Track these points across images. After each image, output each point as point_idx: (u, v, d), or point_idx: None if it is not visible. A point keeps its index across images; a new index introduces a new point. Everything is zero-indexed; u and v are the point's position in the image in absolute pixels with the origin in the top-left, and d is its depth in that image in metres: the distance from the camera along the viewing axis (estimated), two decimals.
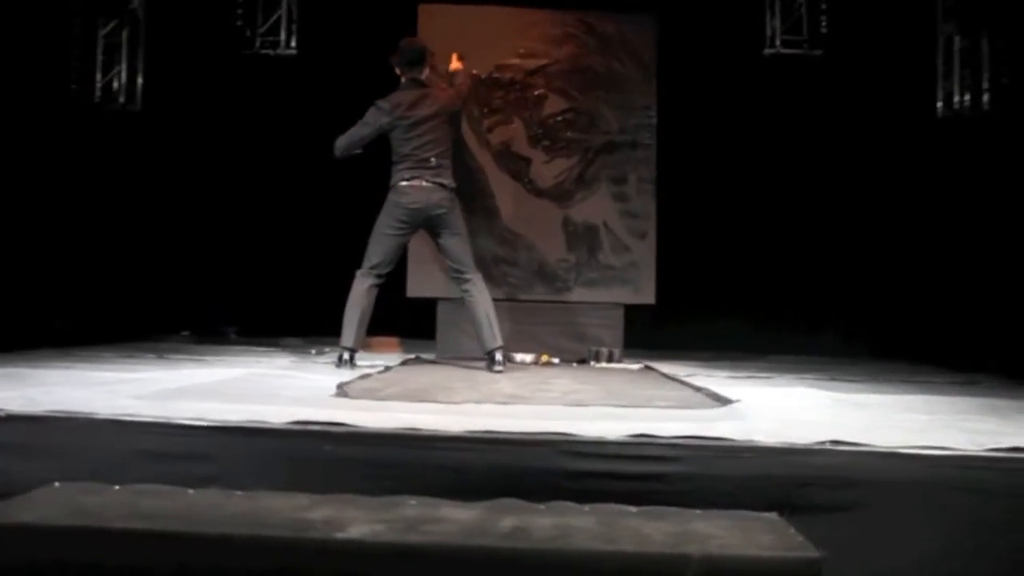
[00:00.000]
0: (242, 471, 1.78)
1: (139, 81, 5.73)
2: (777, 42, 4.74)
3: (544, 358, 4.04)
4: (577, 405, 2.31)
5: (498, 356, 3.34)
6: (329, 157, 3.61)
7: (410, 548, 1.44)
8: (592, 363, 4.07)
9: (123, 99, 5.67)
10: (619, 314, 4.24)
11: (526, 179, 4.31)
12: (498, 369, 3.30)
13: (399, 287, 4.36)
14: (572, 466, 1.73)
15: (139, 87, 5.73)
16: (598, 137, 4.31)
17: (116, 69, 5.68)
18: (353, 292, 3.37)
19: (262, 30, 5.60)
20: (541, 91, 4.30)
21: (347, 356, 3.32)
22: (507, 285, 4.30)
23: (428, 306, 4.42)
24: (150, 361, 3.36)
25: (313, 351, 4.21)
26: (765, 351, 4.67)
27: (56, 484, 1.77)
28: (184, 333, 5.56)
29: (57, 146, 5.21)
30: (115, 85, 5.65)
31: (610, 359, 4.06)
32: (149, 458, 1.81)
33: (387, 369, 3.39)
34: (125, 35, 5.71)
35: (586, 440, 1.75)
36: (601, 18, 4.32)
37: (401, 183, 3.38)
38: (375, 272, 3.37)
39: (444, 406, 2.18)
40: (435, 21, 4.26)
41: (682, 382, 3.07)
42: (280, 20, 5.60)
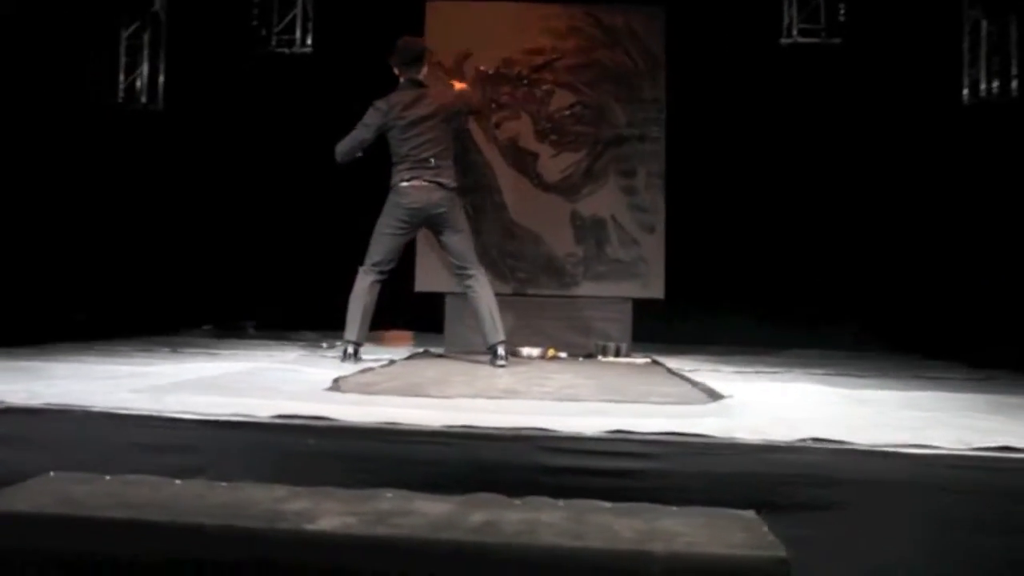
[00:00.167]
0: (228, 463, 1.82)
1: (160, 81, 5.88)
2: (794, 31, 4.66)
3: (551, 352, 4.04)
4: (568, 400, 2.31)
5: (500, 350, 3.34)
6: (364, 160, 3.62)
7: (377, 540, 1.46)
8: (599, 357, 4.06)
9: (145, 99, 5.82)
10: (627, 308, 4.22)
11: (534, 173, 4.31)
12: (500, 363, 3.30)
13: (412, 282, 4.41)
14: (549, 461, 1.73)
15: (160, 87, 5.88)
16: (606, 131, 4.29)
17: (138, 70, 5.83)
18: (356, 288, 3.41)
19: (278, 29, 5.70)
20: (548, 86, 4.29)
21: (351, 350, 3.36)
22: (515, 280, 4.31)
23: (442, 301, 4.45)
24: (162, 355, 3.45)
25: (324, 344, 4.27)
26: (780, 346, 4.62)
27: (51, 474, 1.83)
28: (206, 327, 5.68)
29: (82, 145, 5.37)
30: (137, 85, 5.81)
31: (617, 354, 4.04)
32: (141, 450, 1.86)
33: (391, 363, 3.43)
34: (147, 36, 5.85)
35: (563, 436, 1.76)
36: (609, 11, 4.29)
37: (401, 183, 3.39)
38: (377, 268, 3.40)
39: (432, 400, 2.20)
40: (442, 17, 4.28)
41: (683, 377, 3.05)
42: (295, 19, 5.70)
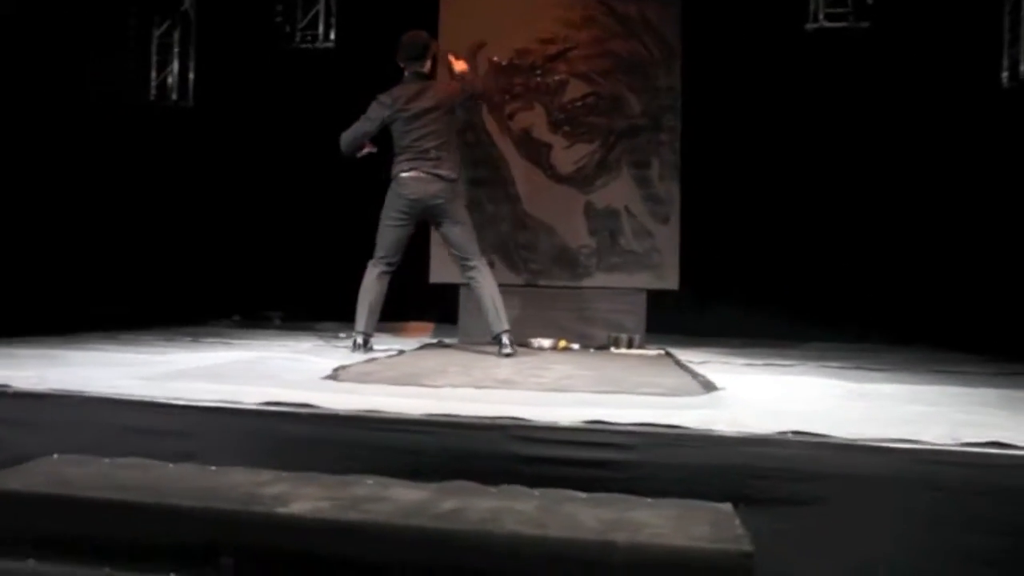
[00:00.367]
0: (218, 448, 1.88)
1: (191, 78, 6.05)
2: (820, 16, 4.53)
3: (562, 344, 4.04)
4: (559, 391, 2.31)
5: (505, 339, 3.36)
6: (379, 154, 3.65)
7: (346, 525, 1.50)
8: (612, 349, 4.04)
9: (175, 96, 6.00)
10: (641, 300, 4.19)
11: (547, 165, 4.30)
12: (506, 352, 3.32)
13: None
14: (525, 451, 1.75)
15: (191, 84, 6.05)
16: (620, 121, 4.25)
17: (169, 68, 6.01)
18: (364, 281, 3.47)
19: (302, 25, 5.81)
20: (562, 76, 4.27)
21: (361, 341, 3.42)
22: (528, 271, 4.32)
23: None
24: (183, 344, 3.56)
25: (342, 335, 4.35)
26: (804, 339, 4.51)
27: (55, 456, 1.93)
28: (235, 318, 5.83)
29: (118, 142, 5.56)
30: (169, 83, 5.99)
31: (630, 345, 4.02)
32: (139, 434, 1.94)
33: (400, 353, 3.48)
34: (177, 35, 6.02)
35: (538, 425, 1.77)
36: (623, 0, 4.24)
37: (401, 175, 3.43)
38: (384, 261, 3.46)
39: (421, 390, 2.23)
40: (455, 9, 4.30)
41: (687, 369, 3.02)
42: (319, 15, 5.80)
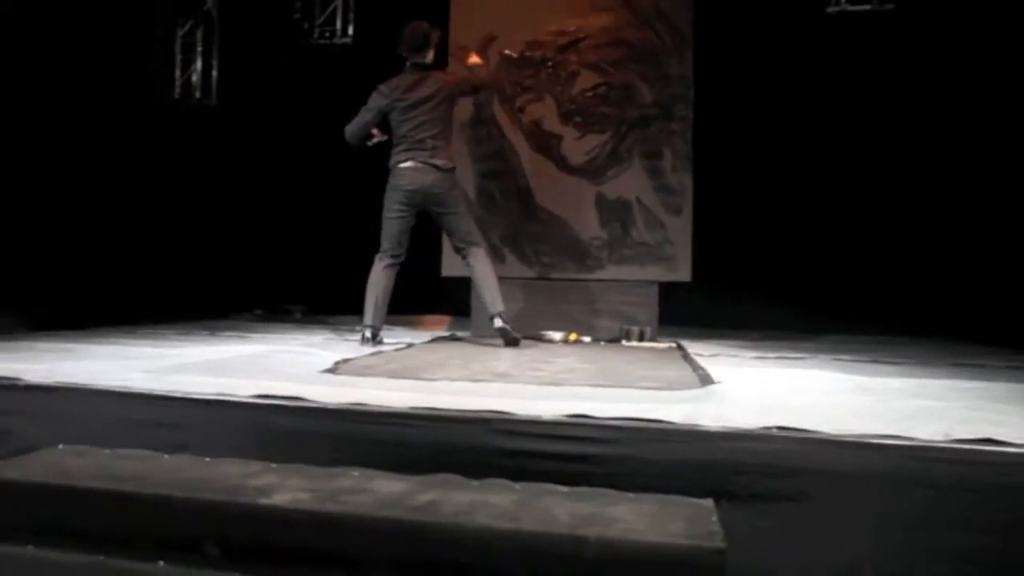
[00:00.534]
0: (212, 439, 1.93)
1: (214, 76, 6.18)
2: None
3: (572, 337, 4.02)
4: (553, 384, 2.30)
5: (498, 321, 3.49)
6: (390, 144, 3.70)
7: (323, 516, 1.52)
8: (623, 342, 4.01)
9: (199, 94, 6.13)
10: (653, 292, 4.14)
11: (558, 156, 4.28)
12: (499, 326, 3.48)
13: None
14: (507, 444, 1.75)
15: (214, 82, 6.17)
16: (632, 111, 4.20)
17: (193, 67, 6.14)
18: (372, 274, 3.53)
19: (319, 21, 5.87)
20: (573, 67, 4.24)
21: (368, 334, 3.47)
22: (540, 264, 4.31)
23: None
24: (198, 338, 3.65)
25: (357, 328, 4.40)
26: (821, 331, 4.42)
27: (60, 447, 2.01)
28: (257, 312, 5.95)
29: (145, 140, 5.71)
30: (193, 81, 6.12)
31: (641, 338, 3.98)
32: (138, 426, 2.00)
33: (408, 346, 3.51)
34: (200, 34, 6.15)
35: (520, 419, 1.77)
36: None
37: (399, 165, 3.50)
38: (389, 254, 3.52)
39: (414, 383, 2.25)
40: (466, 2, 4.29)
41: (691, 362, 2.99)
42: (336, 11, 5.85)
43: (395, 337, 3.91)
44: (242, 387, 2.03)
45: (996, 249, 4.22)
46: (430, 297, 5.45)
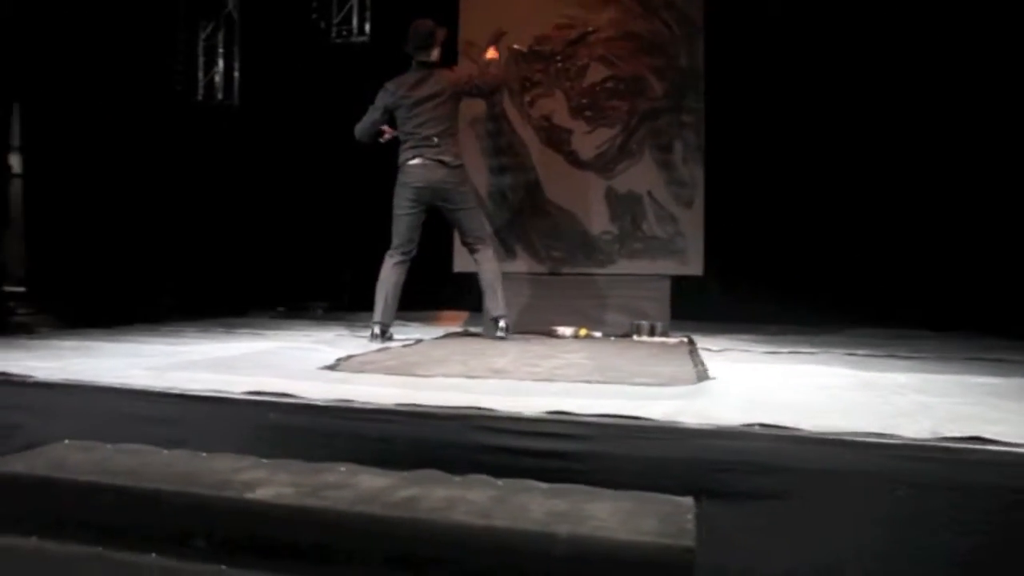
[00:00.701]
0: (208, 435, 1.98)
1: (235, 78, 6.31)
2: None
3: (583, 332, 4.02)
4: (548, 381, 2.31)
5: (502, 323, 3.54)
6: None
7: (302, 510, 1.56)
8: (634, 337, 3.99)
9: (221, 95, 6.27)
10: (665, 286, 4.11)
11: (568, 151, 4.26)
12: (500, 335, 3.51)
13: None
14: (488, 441, 1.76)
15: (236, 83, 6.30)
16: (642, 103, 4.16)
17: (215, 68, 6.27)
18: (382, 271, 3.57)
19: (336, 20, 5.94)
20: (583, 61, 4.21)
21: (378, 331, 3.51)
22: (550, 259, 4.31)
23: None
24: (214, 335, 3.73)
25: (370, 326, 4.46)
26: (842, 324, 4.32)
27: (66, 442, 2.08)
28: (279, 309, 6.06)
29: (173, 141, 5.86)
30: (216, 82, 6.26)
31: (651, 333, 3.96)
32: (138, 421, 2.06)
33: (416, 343, 3.55)
34: (221, 36, 6.28)
35: (501, 416, 1.78)
36: None
37: (407, 163, 3.56)
38: (399, 251, 3.55)
39: (408, 379, 2.27)
40: None
41: (693, 358, 2.96)
42: (352, 9, 5.91)
43: (410, 333, 3.96)
44: (238, 384, 2.08)
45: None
46: (450, 293, 5.49)
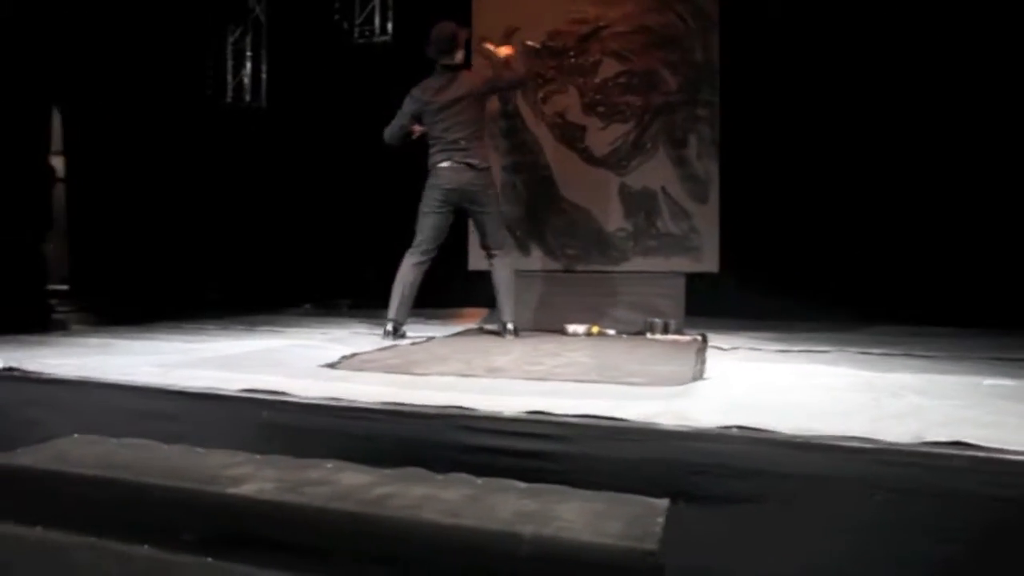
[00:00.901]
0: (205, 431, 2.05)
1: (263, 80, 6.46)
2: None
3: (595, 330, 4.00)
4: (542, 380, 2.31)
5: (509, 326, 3.63)
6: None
7: (279, 506, 1.60)
8: (648, 335, 3.96)
9: (249, 97, 6.42)
10: (680, 283, 4.05)
11: (581, 148, 4.24)
12: (510, 328, 3.62)
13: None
14: (468, 440, 1.78)
15: (263, 85, 6.45)
16: (656, 98, 4.11)
17: (243, 71, 6.43)
18: (400, 268, 3.63)
19: (359, 21, 6.02)
20: (596, 56, 4.17)
21: (391, 327, 3.57)
22: (564, 257, 4.30)
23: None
24: (234, 332, 3.83)
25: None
26: (868, 322, 4.20)
27: (75, 436, 2.18)
28: (306, 306, 6.19)
29: (205, 143, 6.03)
30: (244, 84, 6.42)
31: (665, 331, 3.92)
32: (141, 417, 2.15)
33: (427, 340, 3.59)
34: (249, 40, 6.43)
35: (480, 415, 1.80)
36: None
37: (437, 165, 3.62)
38: (420, 249, 3.62)
39: (402, 378, 2.30)
40: None
41: (697, 356, 2.92)
42: (374, 9, 5.99)
43: (425, 331, 3.99)
44: (236, 381, 2.14)
45: None
46: (471, 290, 5.52)
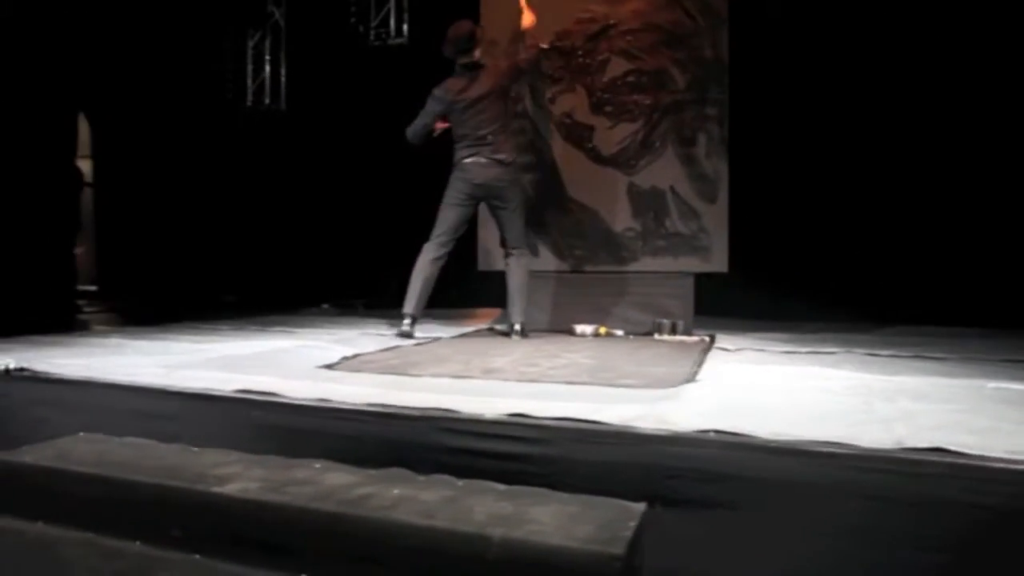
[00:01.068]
0: (201, 431, 2.10)
1: (282, 82, 6.56)
2: None
3: (603, 330, 3.99)
4: (533, 382, 2.32)
5: (516, 327, 3.62)
6: (448, 138, 3.82)
7: (260, 505, 1.64)
8: (655, 335, 3.93)
9: (268, 100, 6.53)
10: (688, 283, 4.01)
11: (589, 147, 4.22)
12: (517, 329, 3.62)
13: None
14: (451, 442, 1.80)
15: (283, 88, 6.56)
16: (664, 97, 4.07)
17: (262, 74, 6.54)
18: (418, 261, 3.65)
19: (374, 23, 6.08)
20: (604, 55, 4.16)
21: (408, 323, 3.60)
22: (573, 257, 4.29)
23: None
24: (246, 333, 3.90)
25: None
26: (886, 322, 4.11)
27: (80, 434, 2.25)
28: (324, 306, 6.27)
29: (223, 145, 6.15)
30: (263, 88, 6.53)
31: (673, 331, 3.89)
32: (141, 416, 2.21)
33: (434, 340, 3.61)
34: (268, 43, 6.54)
35: (462, 417, 1.81)
36: None
37: (464, 160, 3.63)
38: (438, 241, 3.63)
39: (395, 379, 2.33)
40: None
41: (696, 358, 2.89)
42: (389, 12, 6.04)
43: (434, 331, 4.01)
44: (232, 382, 2.19)
45: None
46: (483, 289, 5.53)
